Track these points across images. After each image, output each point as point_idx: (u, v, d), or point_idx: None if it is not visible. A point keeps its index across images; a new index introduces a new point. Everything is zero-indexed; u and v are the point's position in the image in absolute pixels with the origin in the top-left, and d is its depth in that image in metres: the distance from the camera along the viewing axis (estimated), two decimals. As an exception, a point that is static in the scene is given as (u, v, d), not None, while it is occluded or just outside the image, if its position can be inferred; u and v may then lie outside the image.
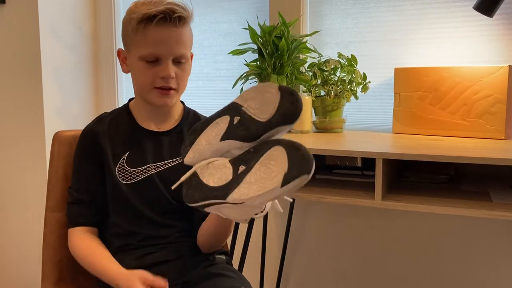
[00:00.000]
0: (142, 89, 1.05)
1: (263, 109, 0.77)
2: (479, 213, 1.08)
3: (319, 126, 1.61)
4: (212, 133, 0.81)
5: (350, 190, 1.26)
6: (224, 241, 1.11)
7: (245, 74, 1.66)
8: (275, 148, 0.73)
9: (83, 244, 1.06)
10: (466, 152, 1.10)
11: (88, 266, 1.03)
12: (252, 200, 0.71)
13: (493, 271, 1.61)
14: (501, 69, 1.35)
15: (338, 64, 1.59)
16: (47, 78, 1.96)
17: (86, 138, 1.10)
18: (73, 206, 1.10)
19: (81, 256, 1.05)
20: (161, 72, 1.01)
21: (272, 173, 0.71)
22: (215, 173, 0.78)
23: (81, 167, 1.10)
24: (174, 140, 1.10)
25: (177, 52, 1.01)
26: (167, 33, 0.99)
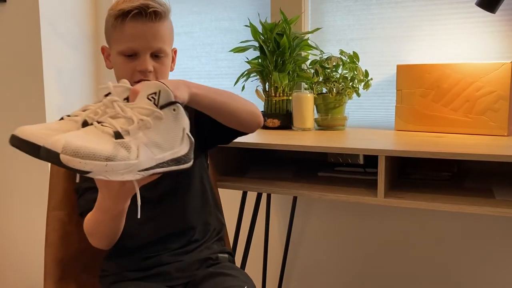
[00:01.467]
0: None
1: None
2: (482, 210, 1.07)
3: (321, 123, 1.60)
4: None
5: (352, 187, 1.26)
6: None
7: (247, 72, 1.66)
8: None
9: (85, 223, 1.01)
10: (468, 149, 1.09)
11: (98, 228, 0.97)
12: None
13: (497, 268, 1.61)
14: (503, 66, 1.34)
15: (340, 61, 1.58)
16: (49, 78, 1.96)
17: None
18: (84, 196, 1.05)
19: (91, 231, 0.99)
20: (139, 66, 1.02)
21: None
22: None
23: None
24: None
25: (154, 46, 1.03)
26: (143, 27, 1.01)
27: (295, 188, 1.27)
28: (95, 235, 0.99)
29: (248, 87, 1.72)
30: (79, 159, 0.67)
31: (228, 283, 1.01)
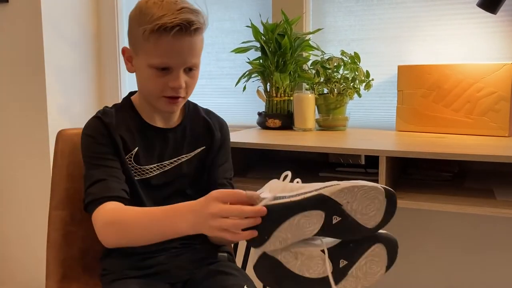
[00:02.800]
0: (149, 96, 1.02)
1: (370, 216, 0.76)
2: (483, 211, 1.07)
3: (322, 124, 1.61)
4: (300, 227, 0.74)
5: (353, 188, 1.26)
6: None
7: (248, 72, 1.66)
8: (377, 246, 0.78)
9: (118, 211, 0.93)
10: (469, 150, 1.10)
11: (136, 229, 0.90)
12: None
13: (497, 268, 1.61)
14: (505, 66, 1.35)
15: (341, 62, 1.59)
16: (51, 77, 1.97)
17: (97, 130, 1.01)
18: (97, 185, 0.97)
19: (124, 222, 0.91)
20: (171, 82, 0.97)
21: (377, 268, 0.78)
22: (309, 264, 0.77)
23: (99, 152, 1.00)
24: (179, 137, 1.08)
25: (189, 62, 0.97)
26: (180, 43, 0.94)
27: (296, 188, 1.27)
28: (119, 232, 0.91)
29: (249, 88, 1.72)
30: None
31: (228, 282, 1.01)
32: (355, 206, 0.75)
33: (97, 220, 0.94)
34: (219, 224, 0.76)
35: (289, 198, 0.74)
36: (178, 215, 0.84)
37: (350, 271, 0.77)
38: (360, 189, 0.74)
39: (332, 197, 0.73)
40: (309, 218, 0.73)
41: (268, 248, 0.75)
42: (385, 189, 0.76)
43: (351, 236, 0.77)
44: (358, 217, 0.75)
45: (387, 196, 0.76)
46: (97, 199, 0.95)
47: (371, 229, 0.76)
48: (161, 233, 0.87)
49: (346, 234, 0.76)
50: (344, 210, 0.74)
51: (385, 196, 0.75)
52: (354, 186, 0.74)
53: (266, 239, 0.74)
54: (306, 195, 0.73)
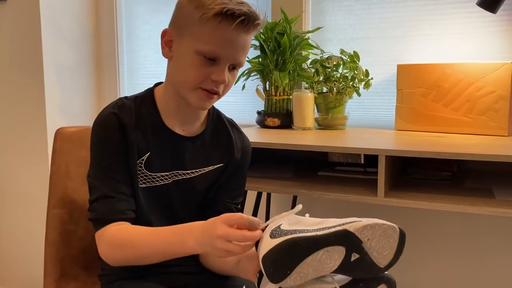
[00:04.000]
0: (185, 85, 0.93)
1: (385, 255, 0.78)
2: (483, 210, 1.07)
3: (321, 123, 1.60)
4: (322, 263, 0.75)
5: (352, 187, 1.26)
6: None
7: (247, 71, 1.66)
8: (381, 286, 0.81)
9: (125, 233, 0.91)
10: (469, 149, 1.09)
11: (144, 249, 0.89)
12: None
13: (496, 268, 1.61)
14: (504, 66, 1.34)
15: (340, 61, 1.58)
16: (49, 75, 1.96)
17: (112, 128, 0.94)
18: (104, 201, 0.93)
19: (131, 244, 0.89)
20: (216, 74, 0.90)
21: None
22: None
23: (108, 158, 0.94)
24: (197, 147, 1.01)
25: (238, 59, 0.92)
26: (237, 36, 0.89)
27: (295, 187, 1.27)
28: (127, 254, 0.90)
29: (248, 86, 1.72)
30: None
31: (228, 282, 1.01)
32: (374, 244, 0.76)
33: (101, 241, 0.92)
34: (222, 246, 0.79)
35: (313, 232, 0.74)
36: (186, 233, 0.85)
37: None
38: (380, 227, 0.76)
39: (355, 233, 0.75)
40: (331, 253, 0.74)
41: (288, 284, 0.75)
42: (399, 229, 0.78)
43: (363, 275, 0.78)
44: (374, 255, 0.77)
45: (400, 235, 0.78)
46: (102, 219, 0.92)
47: (382, 269, 0.78)
48: (169, 251, 0.87)
49: (360, 273, 0.78)
50: (363, 247, 0.76)
51: (399, 235, 0.78)
52: (376, 224, 0.75)
53: (288, 274, 0.74)
54: (331, 230, 0.74)
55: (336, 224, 0.76)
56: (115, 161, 0.94)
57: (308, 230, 0.75)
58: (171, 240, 0.86)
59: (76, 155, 1.22)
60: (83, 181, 1.22)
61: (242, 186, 1.10)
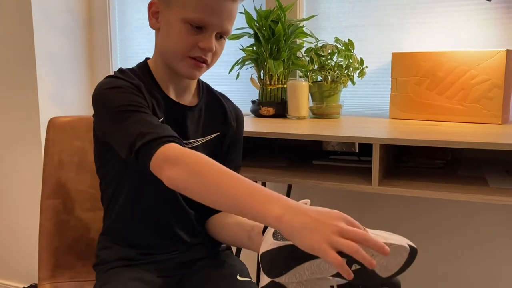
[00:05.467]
0: (173, 55, 0.94)
1: (389, 269, 0.76)
2: (476, 198, 1.08)
3: (316, 111, 1.60)
4: (320, 268, 0.74)
5: (347, 175, 1.26)
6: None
7: (241, 60, 1.65)
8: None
9: (199, 154, 0.79)
10: (462, 137, 1.10)
11: (222, 180, 0.75)
12: None
13: (490, 255, 1.62)
14: (498, 54, 1.34)
15: (335, 49, 1.58)
16: (41, 65, 1.94)
17: (126, 84, 0.90)
18: (150, 126, 0.84)
19: (209, 166, 0.77)
20: (203, 42, 0.91)
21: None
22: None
23: (133, 99, 0.88)
24: (196, 117, 1.03)
25: (225, 27, 0.93)
26: (224, 4, 0.90)
27: (290, 176, 1.27)
28: (197, 172, 0.76)
29: (242, 75, 1.71)
30: None
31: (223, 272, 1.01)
32: (378, 260, 0.74)
33: (170, 152, 0.79)
34: (340, 242, 0.64)
35: None
36: (276, 196, 0.70)
37: None
38: (388, 246, 0.72)
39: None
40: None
41: (283, 280, 0.75)
42: (410, 248, 0.75)
43: (364, 282, 0.77)
44: (377, 268, 0.75)
45: (410, 253, 0.75)
46: (162, 137, 0.82)
47: (383, 279, 0.77)
48: (244, 204, 0.71)
49: (359, 280, 0.77)
50: None
51: (409, 253, 0.75)
52: (384, 243, 0.72)
53: (284, 273, 0.74)
54: None
55: None
56: (144, 105, 0.88)
57: None
58: (256, 192, 0.71)
59: (70, 145, 1.22)
60: (76, 170, 1.22)
61: (241, 154, 1.12)
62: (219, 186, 0.74)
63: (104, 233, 1.06)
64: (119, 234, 1.03)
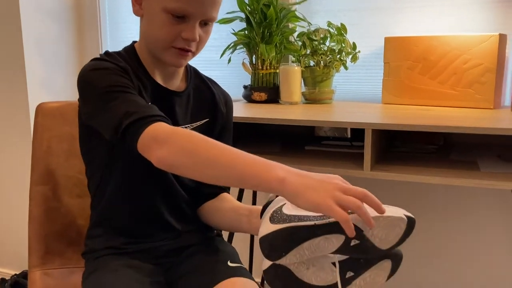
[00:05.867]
0: (156, 44, 0.92)
1: (389, 240, 0.77)
2: (467, 183, 1.08)
3: (308, 97, 1.59)
4: (319, 247, 0.74)
5: (339, 161, 1.26)
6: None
7: (233, 44, 1.63)
8: (385, 261, 0.80)
9: (190, 131, 0.78)
10: (455, 122, 1.09)
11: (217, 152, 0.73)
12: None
13: (481, 239, 1.64)
14: (491, 38, 1.34)
15: (327, 34, 1.56)
16: (29, 49, 1.91)
17: (112, 65, 0.89)
18: (137, 105, 0.82)
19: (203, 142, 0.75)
20: (185, 32, 0.88)
21: (379, 279, 0.80)
22: (318, 274, 0.79)
23: (119, 80, 0.86)
24: (184, 103, 1.00)
25: (209, 14, 0.89)
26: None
27: (282, 162, 1.24)
28: (189, 146, 0.74)
29: (234, 60, 1.69)
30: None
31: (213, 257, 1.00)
32: (376, 232, 0.75)
33: (159, 131, 0.77)
34: (344, 198, 0.65)
35: (313, 220, 0.74)
36: (274, 163, 0.70)
37: (354, 281, 0.80)
38: (385, 219, 0.74)
39: (357, 224, 0.73)
40: (329, 239, 0.74)
41: (284, 262, 0.76)
42: (408, 219, 0.76)
43: (363, 256, 0.78)
44: (376, 241, 0.76)
45: (408, 224, 0.77)
46: (149, 115, 0.80)
47: (383, 251, 0.78)
48: (245, 169, 0.70)
49: (360, 254, 0.78)
50: (364, 235, 0.75)
51: (407, 224, 0.76)
52: (380, 217, 0.74)
53: (284, 255, 0.75)
54: (331, 220, 0.73)
55: None
56: (130, 86, 0.87)
57: (309, 217, 0.75)
58: (255, 161, 0.71)
59: (59, 130, 1.20)
60: (65, 156, 1.20)
61: (231, 140, 1.11)
62: (216, 159, 0.72)
63: (92, 221, 1.04)
64: (107, 222, 1.01)
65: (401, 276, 1.76)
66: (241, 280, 0.92)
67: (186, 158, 0.74)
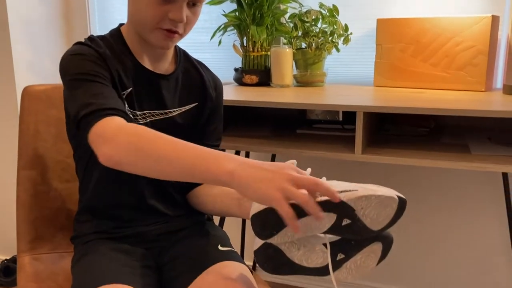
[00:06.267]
0: (143, 26, 0.90)
1: (380, 221, 0.77)
2: (458, 165, 1.08)
3: (300, 79, 1.58)
4: (310, 226, 0.75)
5: (330, 144, 1.25)
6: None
7: (224, 26, 1.60)
8: (376, 243, 0.80)
9: (139, 126, 0.76)
10: (446, 104, 1.09)
11: (166, 147, 0.72)
12: (346, 281, 0.81)
13: (473, 221, 1.65)
14: (484, 20, 1.32)
15: (319, 15, 1.54)
16: (15, 32, 1.87)
17: (90, 52, 0.88)
18: (95, 97, 0.81)
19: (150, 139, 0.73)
20: (172, 13, 0.87)
21: (370, 263, 0.81)
22: (309, 255, 0.79)
23: (91, 68, 0.85)
24: (172, 86, 0.99)
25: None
26: None
27: (273, 145, 1.26)
28: (138, 143, 0.73)
29: (225, 42, 1.67)
30: None
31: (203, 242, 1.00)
32: (367, 212, 0.75)
33: (106, 128, 0.76)
34: (292, 190, 0.64)
35: None
36: (225, 155, 0.69)
37: (345, 264, 0.80)
38: (377, 198, 0.74)
39: (348, 203, 0.74)
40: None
41: (275, 241, 0.76)
42: (399, 199, 0.76)
43: (354, 236, 0.78)
44: (367, 221, 0.76)
45: (400, 204, 0.77)
46: (101, 109, 0.78)
47: (375, 231, 0.78)
48: (194, 163, 0.69)
49: (351, 234, 0.77)
50: (356, 215, 0.75)
51: (398, 204, 0.76)
52: (372, 195, 0.74)
53: (275, 234, 0.74)
54: (323, 198, 0.73)
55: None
56: (101, 74, 0.86)
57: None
58: (204, 153, 0.70)
59: (46, 114, 1.18)
60: (53, 141, 1.19)
61: (222, 125, 1.10)
62: (163, 155, 0.71)
63: (80, 205, 1.04)
64: (96, 208, 1.01)
65: (390, 258, 1.78)
66: (232, 264, 0.92)
67: (132, 156, 0.73)
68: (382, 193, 0.75)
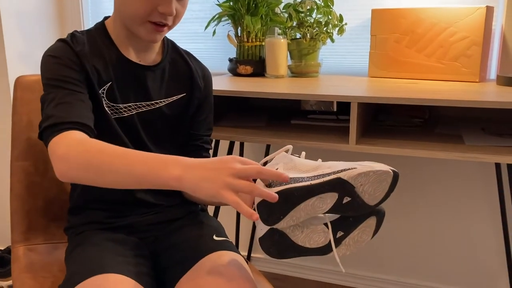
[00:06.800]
0: (132, 19, 0.90)
1: (376, 196, 0.80)
2: (452, 156, 1.09)
3: (294, 70, 1.57)
4: (314, 207, 0.77)
5: (325, 134, 1.25)
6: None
7: (218, 16, 1.59)
8: (371, 218, 0.84)
9: (88, 139, 0.79)
10: (440, 95, 1.09)
11: (114, 160, 0.74)
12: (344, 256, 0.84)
13: (466, 211, 1.67)
14: (478, 10, 1.32)
15: (314, 5, 1.53)
16: (8, 22, 1.84)
17: (65, 53, 0.89)
18: (57, 107, 0.83)
19: (93, 152, 0.76)
20: (162, 6, 0.87)
21: (366, 237, 0.85)
22: (311, 236, 0.82)
23: (64, 73, 0.87)
24: (158, 77, 0.99)
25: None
26: None
27: (268, 136, 1.26)
28: (87, 160, 0.75)
29: (219, 32, 1.66)
30: None
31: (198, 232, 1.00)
32: (366, 188, 0.78)
33: (59, 145, 0.78)
34: (236, 183, 0.68)
35: (308, 181, 0.76)
36: (172, 159, 0.72)
37: (344, 240, 0.83)
38: (375, 173, 0.77)
39: (349, 181, 0.77)
40: (323, 199, 0.77)
41: (281, 225, 0.78)
42: (393, 172, 0.79)
43: (353, 213, 0.81)
44: (366, 197, 0.79)
45: (394, 177, 0.80)
46: (59, 123, 0.81)
47: (372, 206, 0.81)
48: (143, 172, 0.72)
49: (350, 211, 0.80)
50: (355, 191, 0.78)
51: (392, 177, 0.79)
52: (370, 171, 0.77)
53: (282, 218, 0.77)
54: (325, 179, 0.76)
55: (331, 172, 0.78)
56: (73, 77, 0.88)
57: (303, 178, 0.77)
58: (151, 161, 0.73)
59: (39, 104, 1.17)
60: (47, 131, 1.18)
61: (212, 115, 1.10)
62: (112, 167, 0.74)
63: (72, 197, 1.04)
64: (88, 199, 1.01)
65: (383, 248, 1.79)
66: (227, 254, 0.92)
67: (83, 171, 0.76)
68: (379, 168, 0.78)
